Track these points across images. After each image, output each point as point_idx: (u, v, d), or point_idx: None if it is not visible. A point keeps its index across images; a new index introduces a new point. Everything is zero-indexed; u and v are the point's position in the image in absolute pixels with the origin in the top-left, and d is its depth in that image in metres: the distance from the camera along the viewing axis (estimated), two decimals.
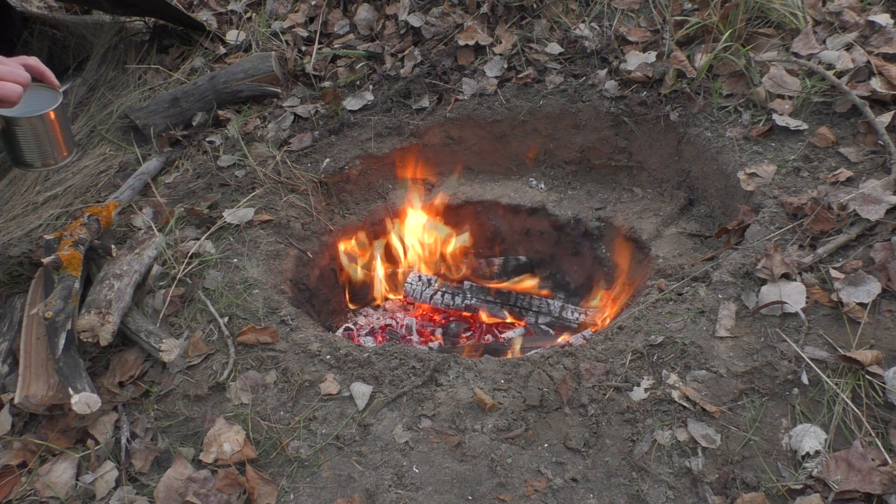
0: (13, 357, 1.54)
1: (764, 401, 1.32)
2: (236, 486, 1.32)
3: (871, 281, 1.40)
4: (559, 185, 2.34)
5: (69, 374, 1.42)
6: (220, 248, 1.89)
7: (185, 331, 1.65)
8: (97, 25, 2.96)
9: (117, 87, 2.67)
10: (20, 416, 1.49)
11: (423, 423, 1.40)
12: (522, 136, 2.30)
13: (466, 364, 1.52)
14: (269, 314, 1.69)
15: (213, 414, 1.45)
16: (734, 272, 1.55)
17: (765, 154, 1.79)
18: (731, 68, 1.99)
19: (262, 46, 2.59)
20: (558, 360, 1.49)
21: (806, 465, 1.22)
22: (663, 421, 1.33)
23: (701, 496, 1.23)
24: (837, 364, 1.32)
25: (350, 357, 1.55)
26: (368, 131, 2.30)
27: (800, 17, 1.99)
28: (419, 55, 2.37)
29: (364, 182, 2.34)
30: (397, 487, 1.30)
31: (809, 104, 1.83)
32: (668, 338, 1.47)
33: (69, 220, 2.07)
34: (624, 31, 2.23)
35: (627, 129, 2.15)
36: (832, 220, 1.53)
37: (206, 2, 2.91)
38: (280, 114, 2.36)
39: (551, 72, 2.25)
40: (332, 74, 2.47)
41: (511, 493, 1.28)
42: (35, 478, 1.38)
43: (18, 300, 1.66)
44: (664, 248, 1.94)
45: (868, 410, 1.26)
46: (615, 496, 1.26)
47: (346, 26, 2.60)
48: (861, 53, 1.83)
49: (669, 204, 2.10)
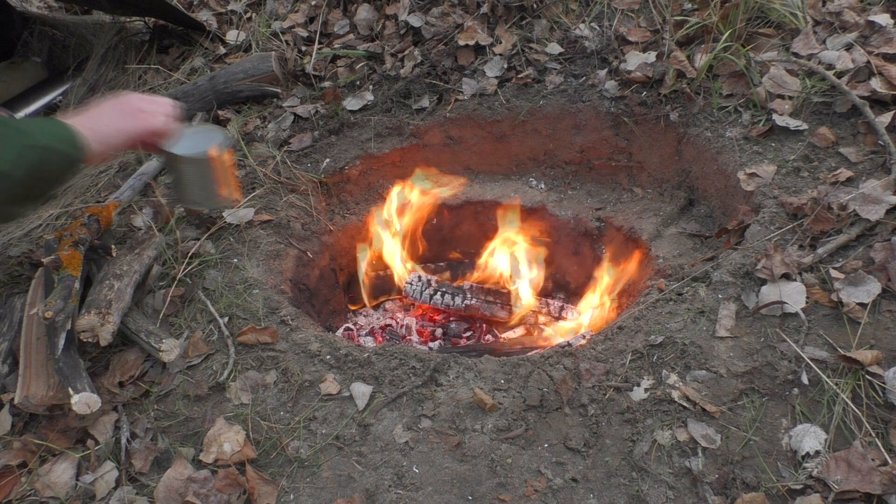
0: (13, 357, 1.54)
1: (764, 401, 1.32)
2: (236, 487, 1.32)
3: (871, 281, 1.40)
4: (559, 185, 2.34)
5: (69, 374, 1.42)
6: (220, 249, 1.88)
7: (185, 331, 1.65)
8: (97, 25, 2.96)
9: (117, 87, 2.67)
10: (20, 416, 1.49)
11: (423, 423, 1.40)
12: (522, 136, 2.30)
13: (466, 364, 1.52)
14: (269, 314, 1.69)
15: (213, 414, 1.45)
16: (734, 272, 1.55)
17: (765, 154, 1.79)
18: (731, 68, 1.99)
19: (262, 46, 2.59)
20: (558, 360, 1.49)
21: (806, 465, 1.22)
22: (663, 421, 1.33)
23: (701, 496, 1.23)
24: (837, 364, 1.32)
25: (350, 357, 1.55)
26: (368, 131, 2.30)
27: (800, 17, 1.99)
28: (419, 55, 2.37)
29: (364, 182, 2.34)
30: (397, 487, 1.30)
31: (809, 104, 1.83)
32: (668, 338, 1.47)
33: (69, 220, 2.06)
34: (624, 31, 2.23)
35: (627, 129, 2.15)
36: (832, 220, 1.53)
37: (206, 2, 2.91)
38: (280, 114, 2.36)
39: (551, 72, 2.25)
40: (332, 74, 2.47)
41: (511, 493, 1.28)
42: (35, 478, 1.38)
43: (18, 300, 1.66)
44: (664, 248, 1.94)
45: (868, 410, 1.26)
46: (615, 496, 1.26)
47: (346, 26, 2.60)
48: (861, 53, 1.83)
49: (669, 204, 2.10)
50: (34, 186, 1.14)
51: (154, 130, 1.32)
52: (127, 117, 1.30)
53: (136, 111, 1.32)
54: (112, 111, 1.30)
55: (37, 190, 1.16)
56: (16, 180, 1.10)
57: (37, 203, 1.20)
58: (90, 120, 1.26)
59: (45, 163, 1.14)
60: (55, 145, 1.16)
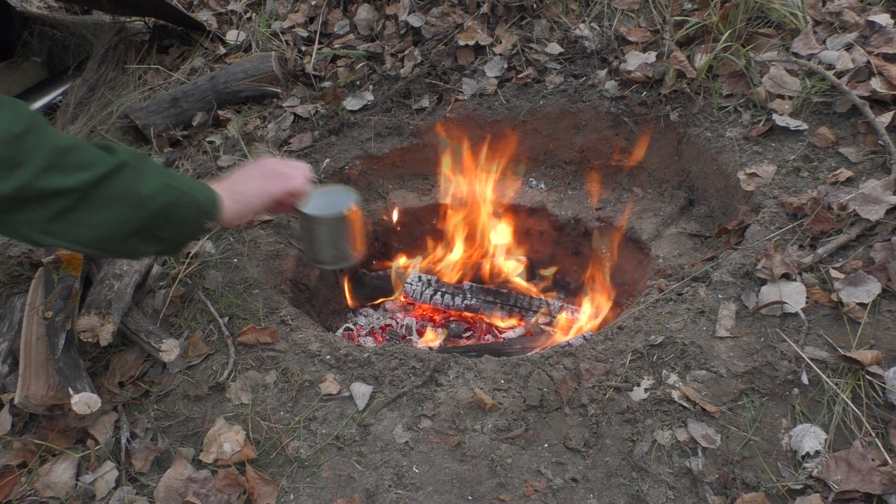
0: (13, 357, 1.54)
1: (764, 401, 1.32)
2: (236, 487, 1.32)
3: (871, 281, 1.40)
4: (559, 185, 2.34)
5: (69, 374, 1.42)
6: (220, 249, 1.88)
7: (185, 331, 1.65)
8: (97, 25, 2.96)
9: (117, 87, 2.67)
10: (20, 416, 1.49)
11: (423, 423, 1.40)
12: (522, 136, 2.30)
13: (466, 364, 1.52)
14: (269, 314, 1.69)
15: (213, 414, 1.45)
16: (734, 272, 1.55)
17: (765, 154, 1.79)
18: (731, 68, 1.99)
19: (262, 46, 2.59)
20: (558, 360, 1.49)
21: (806, 465, 1.22)
22: (663, 421, 1.33)
23: (701, 496, 1.23)
24: (837, 364, 1.32)
25: (350, 357, 1.55)
26: (368, 131, 2.30)
27: (800, 17, 1.99)
28: (419, 55, 2.37)
29: (364, 182, 2.34)
30: (397, 487, 1.30)
31: (809, 104, 1.83)
32: (668, 338, 1.47)
33: None
34: (624, 32, 2.23)
35: (627, 129, 2.15)
36: (832, 220, 1.53)
37: (206, 2, 2.91)
38: (280, 114, 2.36)
39: (551, 72, 2.25)
40: (332, 74, 2.47)
41: (511, 493, 1.28)
42: (35, 478, 1.38)
43: (18, 300, 1.66)
44: (664, 248, 1.94)
45: (868, 410, 1.26)
46: (615, 496, 1.26)
47: (346, 26, 2.60)
48: (861, 53, 1.83)
49: (669, 204, 2.10)
50: (164, 226, 1.17)
51: (293, 192, 1.38)
52: (269, 180, 1.38)
53: (277, 174, 1.39)
54: (255, 174, 1.37)
55: (165, 231, 1.19)
56: (152, 211, 1.13)
57: (160, 248, 1.24)
58: (233, 184, 1.35)
59: (180, 206, 1.18)
60: (194, 194, 1.21)
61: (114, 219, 1.10)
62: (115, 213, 1.10)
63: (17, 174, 0.97)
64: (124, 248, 1.18)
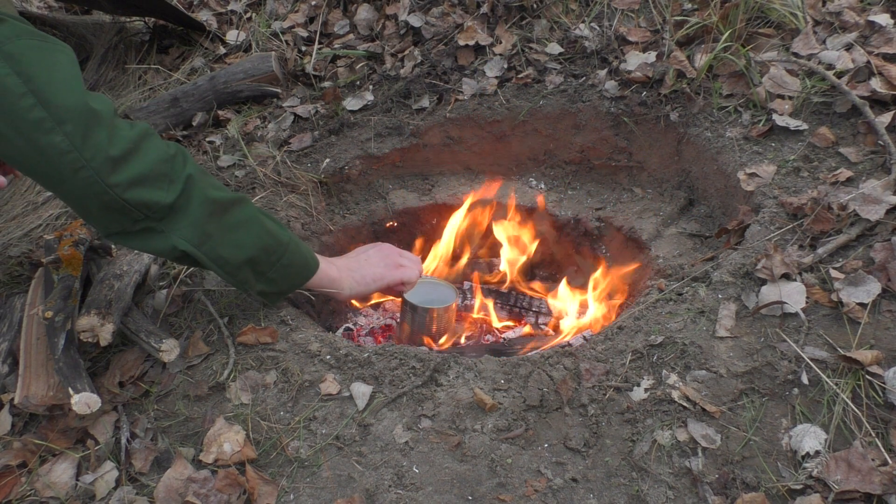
0: (13, 357, 1.54)
1: (764, 401, 1.32)
2: (236, 487, 1.32)
3: (871, 281, 1.40)
4: (559, 185, 2.34)
5: (69, 374, 1.42)
6: None
7: (185, 331, 1.65)
8: (97, 25, 2.96)
9: (117, 87, 2.67)
10: (20, 416, 1.49)
11: (423, 424, 1.40)
12: (522, 136, 2.30)
13: (466, 364, 1.52)
14: (269, 314, 1.69)
15: (213, 414, 1.45)
16: (734, 272, 1.55)
17: (765, 154, 1.79)
18: (731, 68, 1.99)
19: (262, 46, 2.59)
20: (558, 360, 1.49)
21: (806, 465, 1.22)
22: (663, 421, 1.33)
23: (701, 496, 1.23)
24: (837, 364, 1.32)
25: (350, 357, 1.55)
26: (368, 131, 2.30)
27: (800, 17, 1.99)
28: (419, 55, 2.37)
29: (364, 182, 2.34)
30: (397, 487, 1.30)
31: (809, 104, 1.83)
32: (668, 338, 1.47)
33: (69, 220, 2.06)
34: (624, 31, 2.23)
35: (627, 129, 2.15)
36: (832, 220, 1.53)
37: (206, 2, 2.91)
38: (280, 114, 2.36)
39: (551, 72, 2.25)
40: (332, 74, 2.47)
41: (511, 493, 1.28)
42: (35, 478, 1.38)
43: (18, 300, 1.66)
44: (664, 248, 1.94)
45: (868, 410, 1.26)
46: (615, 496, 1.26)
47: (346, 26, 2.60)
48: (861, 53, 1.83)
49: (669, 204, 2.10)
50: (274, 264, 1.33)
51: (406, 282, 1.51)
52: (388, 268, 1.52)
53: (396, 264, 1.52)
54: (376, 261, 1.50)
55: (273, 271, 1.35)
56: (271, 241, 1.31)
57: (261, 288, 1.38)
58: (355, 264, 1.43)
59: (291, 250, 1.34)
60: (304, 248, 1.40)
61: (242, 240, 1.26)
62: (244, 235, 1.26)
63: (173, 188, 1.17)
64: (238, 276, 1.31)
